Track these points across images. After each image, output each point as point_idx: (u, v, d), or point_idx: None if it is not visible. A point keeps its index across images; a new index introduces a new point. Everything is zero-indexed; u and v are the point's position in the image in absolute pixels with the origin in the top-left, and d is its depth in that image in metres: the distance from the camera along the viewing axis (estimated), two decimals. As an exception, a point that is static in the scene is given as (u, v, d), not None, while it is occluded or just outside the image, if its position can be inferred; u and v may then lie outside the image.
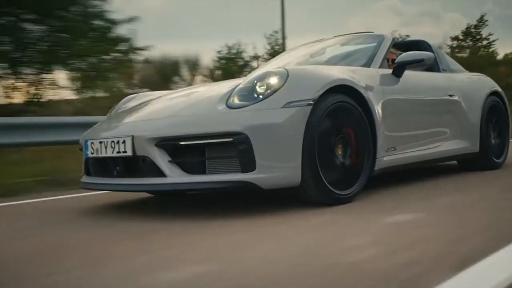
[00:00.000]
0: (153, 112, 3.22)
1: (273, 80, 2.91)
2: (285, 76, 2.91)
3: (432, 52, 4.63)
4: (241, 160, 2.72)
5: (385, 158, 3.44)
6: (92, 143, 3.15)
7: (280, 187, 2.82)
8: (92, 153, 3.15)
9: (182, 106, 3.09)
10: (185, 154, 2.82)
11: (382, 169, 3.41)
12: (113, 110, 4.04)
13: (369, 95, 3.30)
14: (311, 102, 2.88)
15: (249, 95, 2.90)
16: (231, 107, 2.85)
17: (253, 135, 2.71)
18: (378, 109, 3.37)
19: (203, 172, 2.78)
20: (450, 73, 4.73)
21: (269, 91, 2.87)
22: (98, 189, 3.25)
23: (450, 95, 4.38)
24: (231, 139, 2.72)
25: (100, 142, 3.06)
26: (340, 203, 3.01)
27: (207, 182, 2.73)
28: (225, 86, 3.21)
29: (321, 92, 2.94)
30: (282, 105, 2.82)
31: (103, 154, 3.04)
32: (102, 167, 3.17)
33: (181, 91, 3.82)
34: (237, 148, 2.71)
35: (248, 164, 2.71)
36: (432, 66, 4.52)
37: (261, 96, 2.86)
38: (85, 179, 3.34)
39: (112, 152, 2.97)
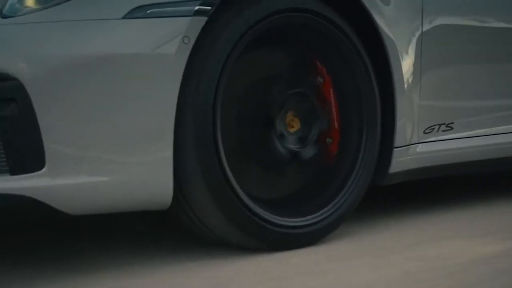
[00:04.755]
0: None
1: None
2: None
3: None
4: (7, 145, 1.13)
5: (420, 148, 1.59)
6: None
7: (112, 209, 1.19)
8: None
9: None
10: None
11: (408, 172, 1.55)
12: None
13: (384, 11, 1.49)
14: (203, 8, 1.20)
15: None
16: (10, 14, 1.22)
17: (39, 82, 1.13)
18: (404, 47, 1.53)
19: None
20: None
21: None
22: None
23: None
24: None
25: None
26: (284, 246, 1.30)
27: None
28: None
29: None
30: (123, 13, 1.18)
31: None
32: None
33: None
34: (-3, 113, 1.13)
35: (24, 155, 1.13)
36: None
37: None
38: None
39: None
